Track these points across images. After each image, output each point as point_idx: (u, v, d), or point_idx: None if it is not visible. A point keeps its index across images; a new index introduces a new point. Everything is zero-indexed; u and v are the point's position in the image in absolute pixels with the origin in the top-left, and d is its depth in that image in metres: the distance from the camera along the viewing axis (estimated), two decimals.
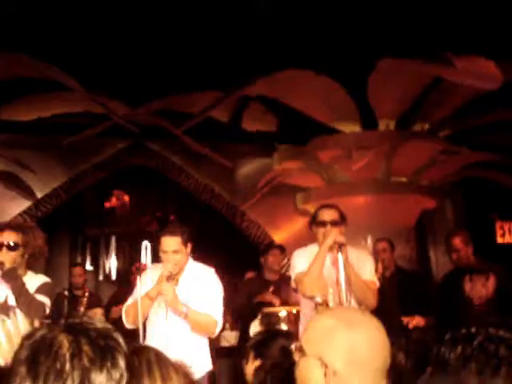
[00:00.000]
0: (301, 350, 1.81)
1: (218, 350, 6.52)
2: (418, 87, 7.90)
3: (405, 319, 5.80)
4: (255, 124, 8.86)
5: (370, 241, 8.11)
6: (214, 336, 4.59)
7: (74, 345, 1.25)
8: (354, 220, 8.17)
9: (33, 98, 8.06)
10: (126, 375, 1.28)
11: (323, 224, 4.60)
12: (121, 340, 1.32)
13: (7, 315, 4.02)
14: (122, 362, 1.28)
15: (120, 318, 6.87)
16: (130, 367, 1.30)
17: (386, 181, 8.52)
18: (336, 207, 4.78)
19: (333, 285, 4.50)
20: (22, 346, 1.29)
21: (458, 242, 5.96)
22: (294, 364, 1.92)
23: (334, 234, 4.44)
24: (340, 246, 4.38)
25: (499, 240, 10.14)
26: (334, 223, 4.58)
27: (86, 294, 7.15)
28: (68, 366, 1.23)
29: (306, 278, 4.48)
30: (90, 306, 7.02)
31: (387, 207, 8.48)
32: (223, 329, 6.96)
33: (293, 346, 1.83)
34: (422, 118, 8.51)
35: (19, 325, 2.29)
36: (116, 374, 1.26)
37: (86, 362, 1.24)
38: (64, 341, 1.25)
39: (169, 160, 9.27)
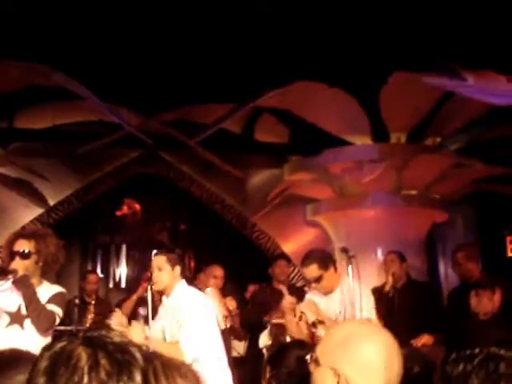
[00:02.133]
0: (316, 360, 1.83)
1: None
2: (430, 101, 7.92)
3: (413, 342, 5.77)
4: (267, 135, 8.90)
5: (379, 253, 8.12)
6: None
7: (92, 358, 1.27)
8: (363, 232, 8.30)
9: (47, 106, 8.15)
10: None
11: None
12: (138, 354, 1.34)
13: (21, 324, 4.05)
14: (138, 377, 1.30)
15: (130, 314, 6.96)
16: (145, 381, 1.32)
17: (397, 194, 8.53)
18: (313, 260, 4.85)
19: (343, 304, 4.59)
20: (41, 356, 1.31)
21: (460, 256, 6.01)
22: (308, 373, 1.94)
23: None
24: (350, 258, 4.42)
25: (510, 254, 10.10)
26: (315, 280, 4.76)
27: (93, 302, 7.15)
28: (86, 378, 1.25)
29: None
30: (98, 312, 7.04)
31: (397, 220, 8.48)
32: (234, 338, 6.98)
33: (308, 357, 1.86)
34: (433, 132, 8.52)
35: None
36: None
37: (103, 375, 1.26)
38: (82, 353, 1.28)
39: (180, 170, 9.32)
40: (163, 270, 4.53)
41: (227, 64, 7.37)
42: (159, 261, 4.57)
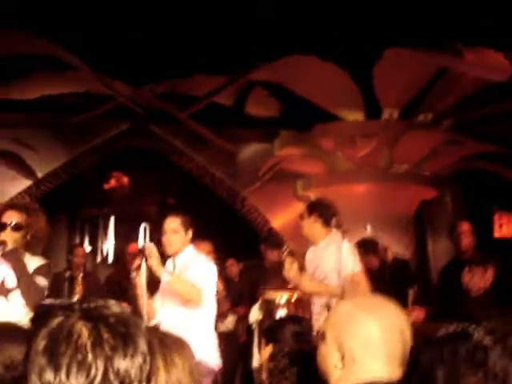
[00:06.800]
0: (322, 334, 1.83)
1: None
2: (424, 77, 7.88)
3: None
4: (259, 109, 8.82)
5: (369, 229, 8.12)
6: (197, 306, 4.36)
7: (94, 333, 1.21)
8: (353, 208, 8.27)
9: (37, 76, 7.99)
10: (148, 359, 1.26)
11: None
12: (141, 324, 1.29)
13: (6, 297, 4.00)
14: (143, 347, 1.25)
15: None
16: (150, 351, 1.28)
17: (388, 170, 8.52)
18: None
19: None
20: (37, 334, 1.23)
21: (466, 227, 5.96)
22: (305, 349, 1.92)
23: None
24: (343, 233, 4.42)
25: (497, 233, 10.13)
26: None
27: (81, 275, 7.11)
28: (90, 355, 1.19)
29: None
30: (87, 286, 7.00)
31: (387, 196, 8.49)
32: (225, 315, 6.96)
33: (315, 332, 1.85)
34: (426, 108, 8.48)
35: None
36: (139, 359, 1.24)
37: (107, 350, 1.20)
38: (83, 329, 1.21)
39: (170, 143, 9.25)
40: (178, 232, 4.43)
41: (219, 36, 7.28)
42: (174, 223, 4.42)
